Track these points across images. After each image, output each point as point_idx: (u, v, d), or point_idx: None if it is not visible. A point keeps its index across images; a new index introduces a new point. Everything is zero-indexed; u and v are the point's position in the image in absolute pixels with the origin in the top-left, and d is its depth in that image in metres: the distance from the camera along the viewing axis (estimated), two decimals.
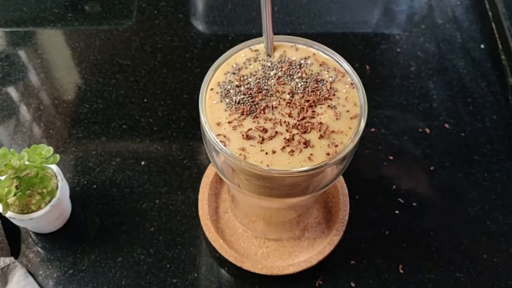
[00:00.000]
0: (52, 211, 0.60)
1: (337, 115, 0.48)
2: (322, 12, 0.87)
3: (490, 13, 0.87)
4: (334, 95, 0.49)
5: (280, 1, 0.88)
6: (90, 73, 0.79)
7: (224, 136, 0.47)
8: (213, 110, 0.48)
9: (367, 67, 0.81)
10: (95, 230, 0.67)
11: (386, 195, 0.70)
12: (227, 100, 0.49)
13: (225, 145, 0.46)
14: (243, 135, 0.47)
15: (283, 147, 0.46)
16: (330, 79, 0.50)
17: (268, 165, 0.45)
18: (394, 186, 0.71)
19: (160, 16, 0.85)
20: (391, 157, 0.73)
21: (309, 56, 0.51)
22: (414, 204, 0.69)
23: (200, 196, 0.66)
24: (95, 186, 0.69)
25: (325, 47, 0.52)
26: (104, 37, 0.83)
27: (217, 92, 0.49)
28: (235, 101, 0.48)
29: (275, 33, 0.51)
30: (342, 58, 0.51)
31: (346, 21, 0.86)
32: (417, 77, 0.80)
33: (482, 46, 0.84)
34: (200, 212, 0.65)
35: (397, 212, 0.69)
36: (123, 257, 0.65)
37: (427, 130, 0.75)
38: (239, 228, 0.66)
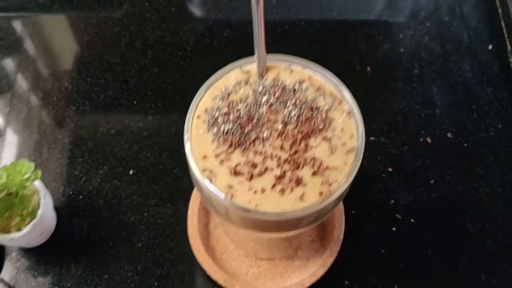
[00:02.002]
0: (34, 230, 0.58)
1: (332, 148, 0.44)
2: (322, 6, 0.82)
3: (500, 11, 0.82)
4: (329, 125, 0.45)
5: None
6: (77, 71, 0.75)
7: (211, 172, 0.44)
8: (199, 141, 0.45)
9: (368, 68, 0.77)
10: (81, 244, 0.64)
11: (383, 211, 0.67)
12: (215, 129, 0.45)
13: (211, 182, 0.43)
14: (231, 171, 0.43)
15: (273, 185, 0.43)
16: (326, 106, 0.46)
17: (256, 205, 0.42)
18: (392, 201, 0.68)
19: (152, 9, 0.81)
20: (390, 169, 0.70)
21: (304, 80, 0.48)
22: (412, 220, 0.67)
23: (189, 212, 0.63)
24: (81, 197, 0.67)
25: (322, 68, 0.48)
26: (93, 31, 0.78)
27: (204, 121, 0.46)
28: (223, 131, 0.45)
29: (269, 51, 0.47)
30: (340, 81, 0.48)
31: (348, 17, 0.81)
32: (420, 81, 0.76)
33: (490, 47, 0.79)
34: (190, 230, 0.62)
35: (394, 229, 0.66)
36: (109, 274, 0.63)
37: (429, 140, 0.72)
38: (230, 246, 0.63)
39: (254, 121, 0.45)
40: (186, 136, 0.45)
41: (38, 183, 0.59)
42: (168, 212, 0.66)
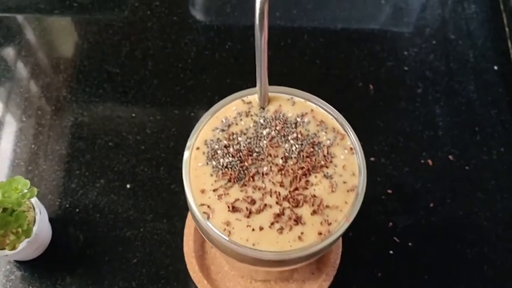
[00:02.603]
0: (29, 247, 0.57)
1: (332, 186, 0.44)
2: (326, 20, 0.81)
3: (507, 29, 0.81)
4: (331, 162, 0.45)
5: (282, 5, 0.81)
6: (76, 81, 0.74)
7: (208, 207, 0.43)
8: (197, 174, 0.44)
9: (371, 86, 0.76)
10: (76, 258, 0.64)
11: (381, 233, 0.67)
12: (214, 162, 0.44)
13: (208, 218, 0.43)
14: (228, 207, 0.43)
15: (272, 223, 0.42)
16: (328, 142, 0.45)
17: (254, 244, 0.42)
18: (391, 223, 0.67)
19: (154, 18, 0.79)
20: (389, 191, 0.69)
21: (306, 113, 0.47)
22: (410, 244, 0.66)
23: (186, 231, 0.63)
24: (77, 210, 0.66)
25: (325, 102, 0.47)
26: (93, 39, 0.77)
27: (204, 152, 0.45)
28: (223, 165, 0.44)
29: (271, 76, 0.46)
30: (342, 117, 0.47)
31: (352, 32, 0.80)
32: (423, 100, 0.75)
33: (496, 67, 0.78)
34: (185, 249, 0.62)
35: (391, 252, 0.66)
36: None
37: (430, 162, 0.71)
38: (225, 266, 0.63)
39: (254, 155, 0.45)
40: (184, 169, 0.44)
41: (34, 200, 0.59)
42: (165, 228, 0.66)
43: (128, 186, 0.68)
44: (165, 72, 0.75)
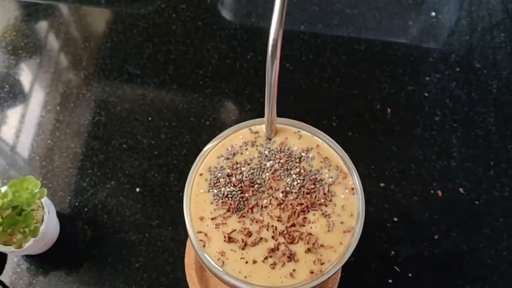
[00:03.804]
0: (35, 245, 0.59)
1: (329, 226, 0.44)
2: (351, 39, 0.80)
3: None
4: (330, 200, 0.45)
5: (307, 19, 0.81)
6: (97, 79, 0.75)
7: (205, 235, 0.44)
8: (198, 200, 0.45)
9: (389, 110, 0.75)
10: (80, 257, 0.66)
11: (383, 261, 0.67)
12: (215, 190, 0.45)
13: (204, 246, 0.43)
14: (225, 237, 0.44)
15: (266, 258, 0.43)
16: (330, 180, 0.45)
17: (245, 277, 0.42)
18: (393, 252, 0.67)
19: (179, 22, 0.80)
20: (395, 219, 0.69)
21: (312, 148, 0.47)
22: (409, 274, 0.66)
23: (188, 242, 0.64)
24: (86, 209, 0.68)
25: (331, 139, 0.47)
26: (117, 39, 0.78)
27: (206, 179, 0.46)
28: (223, 194, 0.45)
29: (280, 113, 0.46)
30: (347, 155, 0.47)
31: (375, 52, 0.79)
32: (440, 129, 0.74)
33: None
34: (186, 260, 0.63)
35: (390, 281, 0.66)
36: None
37: (439, 193, 0.70)
38: None
39: (256, 186, 0.45)
40: (186, 194, 0.45)
41: (44, 199, 0.60)
42: (169, 235, 0.67)
43: (137, 190, 0.69)
44: (185, 77, 0.76)
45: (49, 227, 0.60)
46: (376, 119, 0.75)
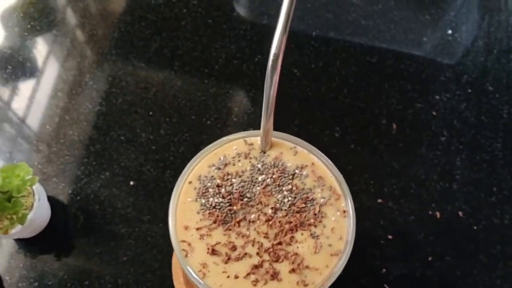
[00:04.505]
0: (23, 231, 0.59)
1: (317, 247, 0.43)
2: (363, 48, 0.78)
3: None
4: (320, 221, 0.44)
5: (320, 25, 0.79)
6: (101, 68, 0.74)
7: (189, 245, 0.43)
8: (185, 209, 0.44)
9: (394, 126, 0.73)
10: (68, 245, 0.65)
11: (373, 277, 0.66)
12: (203, 200, 0.44)
13: (186, 255, 0.43)
14: (208, 249, 0.43)
15: (248, 274, 0.42)
16: (322, 200, 0.44)
17: None
18: (384, 270, 0.66)
19: (189, 17, 0.79)
20: (390, 236, 0.68)
21: (306, 165, 0.46)
22: None
23: None
24: (78, 198, 0.67)
25: (327, 158, 0.46)
26: (125, 30, 0.77)
27: (195, 188, 0.45)
28: (211, 204, 0.44)
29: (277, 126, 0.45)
30: (342, 176, 0.46)
31: (387, 66, 0.77)
32: (445, 150, 0.72)
33: None
34: (174, 259, 0.63)
35: None
36: (90, 282, 0.64)
37: (438, 214, 0.69)
38: None
39: (245, 200, 0.44)
40: (173, 201, 0.44)
41: (35, 186, 0.60)
42: (159, 232, 0.66)
43: (131, 183, 0.68)
44: (190, 75, 0.75)
45: (38, 214, 0.59)
46: (380, 134, 0.73)
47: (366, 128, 0.74)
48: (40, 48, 0.76)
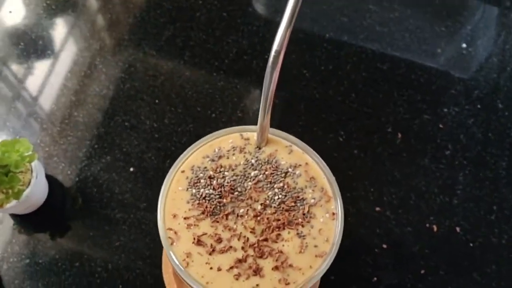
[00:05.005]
0: (17, 206, 0.59)
1: (302, 247, 0.43)
2: (375, 54, 0.78)
3: None
4: (308, 222, 0.44)
5: (334, 28, 0.79)
6: (112, 53, 0.75)
7: (175, 233, 0.43)
8: (175, 197, 0.44)
9: (399, 135, 0.73)
10: (62, 226, 0.66)
11: (363, 285, 0.65)
12: (194, 190, 0.44)
13: (172, 243, 0.43)
14: (194, 239, 0.43)
15: (231, 267, 0.42)
16: (312, 200, 0.44)
17: (207, 283, 0.42)
18: (376, 278, 0.66)
19: (204, 9, 0.79)
20: (385, 246, 0.67)
21: (300, 165, 0.45)
22: None
23: None
24: (77, 179, 0.68)
25: (321, 159, 0.46)
26: (139, 16, 0.77)
27: (187, 177, 0.45)
28: (201, 195, 0.44)
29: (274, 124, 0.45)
30: (334, 179, 0.45)
31: (398, 74, 0.77)
32: (449, 164, 0.72)
33: None
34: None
35: None
36: (80, 263, 0.64)
37: (435, 228, 0.68)
38: None
39: (235, 193, 0.44)
40: (164, 188, 0.44)
41: (34, 163, 0.60)
42: (154, 220, 0.66)
43: (131, 169, 0.69)
44: (199, 67, 0.75)
45: (34, 191, 0.60)
46: (384, 142, 0.73)
47: (371, 135, 0.73)
48: (53, 27, 0.76)
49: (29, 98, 0.72)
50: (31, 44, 0.76)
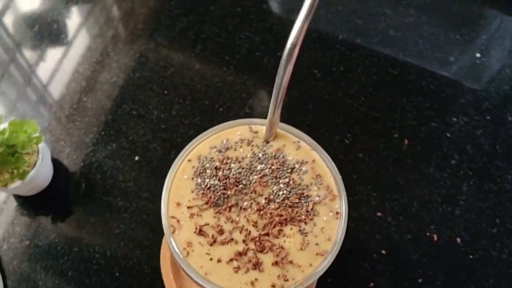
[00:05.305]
0: (22, 187, 0.59)
1: (303, 244, 0.43)
2: (387, 59, 0.78)
3: None
4: (311, 219, 0.43)
5: (348, 30, 0.79)
6: (124, 42, 0.75)
7: (178, 221, 0.43)
8: (180, 185, 0.44)
9: (406, 141, 0.73)
10: (64, 209, 0.66)
11: None
12: (199, 180, 0.44)
13: (173, 232, 0.42)
14: (196, 228, 0.43)
15: (231, 260, 0.42)
16: (317, 198, 0.44)
17: (206, 273, 0.41)
18: (372, 284, 0.65)
19: (218, 3, 0.79)
20: (383, 251, 0.67)
21: (307, 162, 0.45)
22: None
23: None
24: (82, 165, 0.68)
25: (329, 157, 0.46)
26: (153, 6, 0.77)
27: (193, 166, 0.45)
28: (206, 185, 0.44)
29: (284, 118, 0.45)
30: (341, 178, 0.45)
31: (408, 80, 0.77)
32: (453, 173, 0.71)
33: None
34: (164, 240, 0.62)
35: None
36: (79, 249, 0.64)
37: (435, 237, 0.68)
38: None
39: (240, 186, 0.44)
40: (169, 175, 0.44)
41: (41, 145, 0.60)
42: (155, 211, 0.67)
43: (136, 158, 0.69)
44: (210, 60, 0.75)
45: (39, 173, 0.60)
46: (390, 147, 0.72)
47: (377, 139, 0.73)
48: (68, 12, 0.77)
49: (40, 81, 0.72)
50: (45, 27, 0.76)
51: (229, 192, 0.43)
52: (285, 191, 0.44)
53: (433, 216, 0.69)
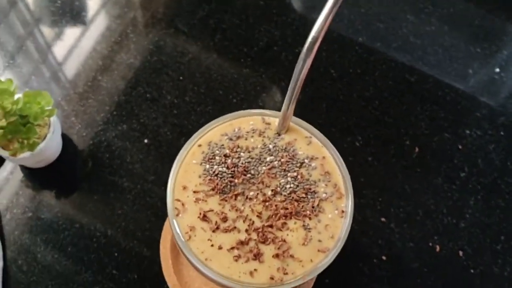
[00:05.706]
0: (30, 158, 0.59)
1: (306, 239, 0.42)
2: (405, 65, 0.77)
3: None
4: (316, 215, 0.43)
5: (369, 33, 0.78)
6: (145, 24, 0.75)
7: (182, 205, 0.43)
8: (188, 169, 0.44)
9: (417, 149, 0.72)
10: (69, 186, 0.66)
11: None
12: (207, 166, 0.44)
13: (177, 214, 0.42)
14: (200, 213, 0.42)
15: (232, 248, 0.42)
16: (324, 195, 0.44)
17: (206, 259, 0.41)
18: None
19: None
20: (384, 257, 0.66)
21: (317, 158, 0.45)
22: None
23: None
24: (91, 142, 0.68)
25: (339, 155, 0.45)
26: None
27: (203, 152, 0.45)
28: (214, 172, 0.44)
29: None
30: (349, 178, 0.45)
31: (425, 88, 0.76)
32: (462, 186, 0.71)
33: None
34: (166, 224, 0.62)
35: None
36: (80, 225, 0.64)
37: (437, 248, 0.67)
38: None
39: (248, 176, 0.44)
40: (178, 158, 0.44)
41: (53, 119, 0.60)
42: (159, 195, 0.67)
43: (145, 141, 0.69)
44: (228, 51, 0.74)
45: (48, 146, 0.60)
46: (400, 154, 0.72)
47: (388, 145, 0.72)
48: None
49: (57, 56, 0.72)
50: (67, 3, 0.76)
51: (236, 181, 0.43)
52: (292, 185, 0.44)
53: (437, 227, 0.68)
